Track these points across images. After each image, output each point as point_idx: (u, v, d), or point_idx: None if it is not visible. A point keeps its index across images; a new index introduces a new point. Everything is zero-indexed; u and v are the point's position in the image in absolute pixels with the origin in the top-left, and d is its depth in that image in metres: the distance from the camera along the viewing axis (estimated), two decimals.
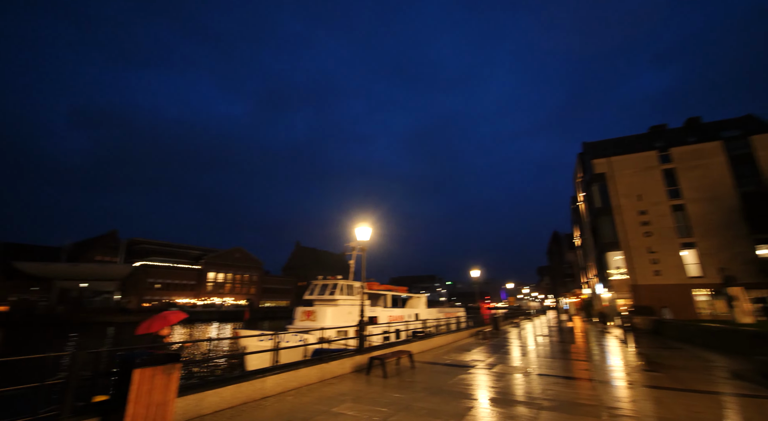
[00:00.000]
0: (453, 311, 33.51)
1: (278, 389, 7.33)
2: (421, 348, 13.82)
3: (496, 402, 6.91)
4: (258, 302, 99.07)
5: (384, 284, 27.34)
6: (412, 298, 30.35)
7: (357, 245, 23.35)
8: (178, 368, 4.98)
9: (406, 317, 25.70)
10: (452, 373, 9.76)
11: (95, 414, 4.58)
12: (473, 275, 27.32)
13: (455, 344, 16.57)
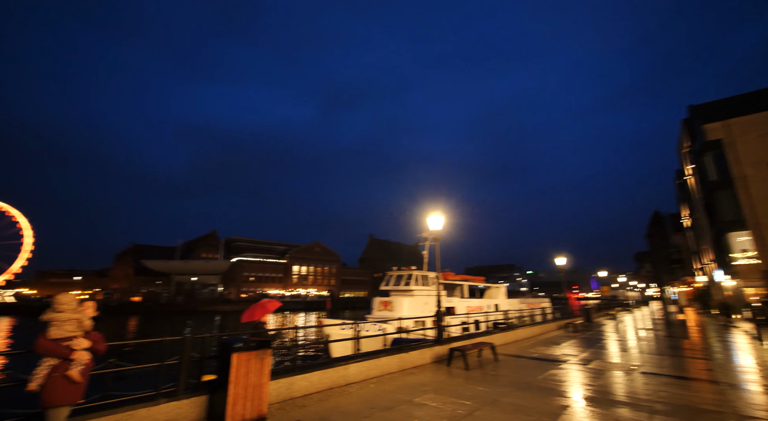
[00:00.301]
0: (537, 302, 31.45)
1: (360, 377, 7.52)
2: (503, 340, 13.16)
3: (594, 402, 6.20)
4: (338, 292, 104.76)
5: (459, 274, 26.70)
6: (491, 288, 29.16)
7: (429, 235, 23.10)
8: (269, 353, 5.34)
9: (485, 308, 24.78)
10: (541, 367, 9.07)
11: (205, 391, 5.14)
12: (558, 263, 25.21)
13: (541, 336, 15.46)
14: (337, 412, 5.55)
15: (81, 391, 3.64)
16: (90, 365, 3.77)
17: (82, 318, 3.77)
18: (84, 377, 3.65)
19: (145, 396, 4.76)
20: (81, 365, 3.61)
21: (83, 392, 3.70)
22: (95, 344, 3.79)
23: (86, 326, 3.79)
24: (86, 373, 3.70)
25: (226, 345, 5.06)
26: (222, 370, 5.00)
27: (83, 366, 3.64)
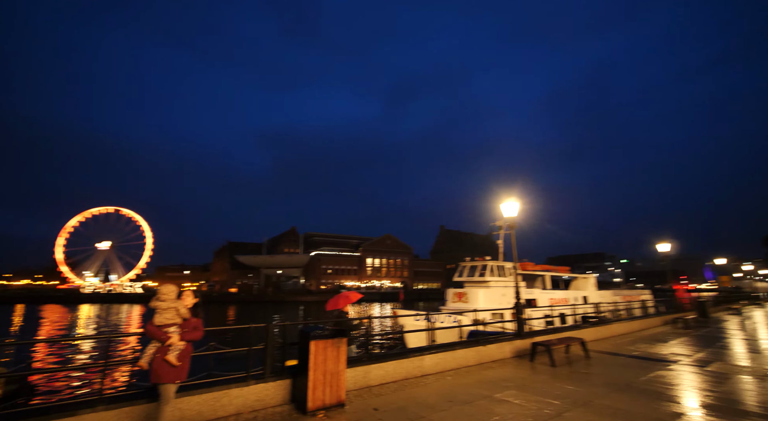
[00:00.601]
0: (634, 294, 27.99)
1: (436, 369, 7.37)
2: (595, 336, 11.89)
3: (717, 411, 5.21)
4: (411, 284, 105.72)
5: (540, 265, 24.89)
6: (577, 279, 26.70)
7: (504, 223, 21.86)
8: (344, 342, 5.46)
9: (571, 301, 22.76)
10: (644, 368, 7.96)
11: (288, 375, 5.46)
12: (660, 249, 22.01)
13: (643, 332, 13.66)
14: (413, 403, 5.48)
15: (182, 371, 4.06)
16: (189, 350, 4.19)
17: (179, 307, 4.20)
18: (181, 360, 4.06)
19: (237, 377, 5.21)
20: (176, 351, 4.04)
21: (186, 372, 4.14)
22: (192, 331, 4.20)
23: (183, 314, 4.21)
24: (185, 356, 4.12)
25: (305, 333, 5.29)
26: (302, 356, 5.25)
27: (178, 351, 4.06)
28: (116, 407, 4.13)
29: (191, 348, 4.25)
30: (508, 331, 11.61)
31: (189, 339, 4.18)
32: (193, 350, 4.32)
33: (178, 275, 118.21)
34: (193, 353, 4.47)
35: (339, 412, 5.05)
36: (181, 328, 4.18)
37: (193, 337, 4.20)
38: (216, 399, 4.78)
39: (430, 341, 8.31)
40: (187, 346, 4.15)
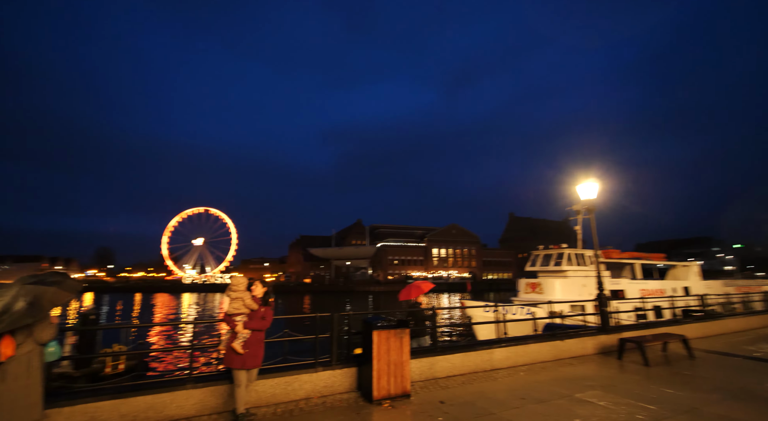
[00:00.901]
0: (752, 285, 23.76)
1: (507, 363, 6.95)
2: (701, 332, 10.27)
3: None
4: (480, 274, 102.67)
5: (627, 252, 22.32)
6: (676, 267, 23.43)
7: (582, 207, 19.93)
8: (407, 332, 5.37)
9: (669, 292, 20.04)
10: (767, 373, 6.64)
11: (354, 364, 5.54)
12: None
13: (766, 330, 11.47)
14: (482, 398, 5.21)
15: (249, 358, 4.26)
16: (258, 338, 4.42)
17: (245, 297, 4.46)
18: (248, 348, 4.28)
19: (306, 364, 5.43)
20: (241, 339, 4.27)
21: (257, 359, 4.37)
22: (258, 320, 4.42)
23: (248, 304, 4.45)
24: (253, 344, 4.33)
25: (368, 323, 5.31)
26: (365, 346, 5.29)
27: (243, 340, 4.28)
28: (202, 386, 4.55)
29: (262, 336, 4.46)
30: (590, 325, 10.56)
31: (252, 328, 4.35)
32: (264, 338, 4.53)
33: (259, 266, 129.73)
34: (266, 340, 4.75)
35: (404, 403, 4.99)
36: (249, 317, 4.43)
37: (256, 326, 4.36)
38: (288, 383, 5.03)
39: (501, 334, 7.88)
40: (254, 334, 4.35)
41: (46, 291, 3.42)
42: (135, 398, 4.20)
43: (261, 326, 4.40)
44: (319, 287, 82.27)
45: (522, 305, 14.38)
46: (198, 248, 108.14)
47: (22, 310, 3.22)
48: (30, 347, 3.38)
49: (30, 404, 3.28)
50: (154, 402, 4.27)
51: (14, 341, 3.21)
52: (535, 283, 18.91)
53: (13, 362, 3.25)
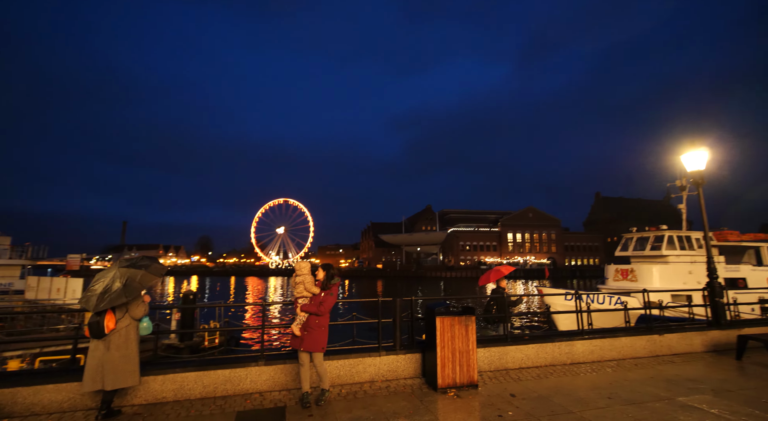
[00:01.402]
0: None
1: (591, 357, 6.22)
2: None
3: None
4: (561, 260, 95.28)
5: (750, 234, 18.60)
6: None
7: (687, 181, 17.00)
8: (473, 320, 5.06)
9: None
10: None
11: (417, 350, 5.42)
12: None
13: None
14: (560, 394, 4.71)
15: (307, 341, 4.35)
16: (319, 322, 4.47)
17: (306, 282, 4.56)
18: (306, 331, 4.39)
19: (370, 347, 5.45)
20: (298, 323, 4.40)
21: (317, 342, 4.42)
22: (316, 305, 4.47)
23: (309, 289, 4.55)
24: (312, 328, 4.40)
25: (430, 309, 5.11)
26: (429, 332, 5.11)
27: (300, 324, 4.41)
28: (272, 364, 4.83)
29: (321, 321, 4.50)
30: (699, 318, 9.01)
31: (308, 311, 4.43)
32: (325, 322, 4.57)
33: (334, 252, 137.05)
34: (336, 323, 4.85)
35: (471, 393, 4.73)
36: (310, 301, 4.53)
37: (311, 310, 4.42)
38: (352, 366, 5.10)
39: (586, 325, 7.10)
40: (311, 318, 4.43)
41: (137, 274, 3.85)
42: (215, 371, 4.61)
43: (316, 311, 4.44)
44: (390, 273, 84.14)
45: (611, 294, 12.87)
46: (280, 236, 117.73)
47: (118, 290, 3.67)
48: (127, 322, 3.85)
49: (129, 371, 3.76)
50: (231, 376, 4.65)
51: (115, 316, 3.71)
52: (627, 269, 16.80)
53: (114, 335, 3.76)
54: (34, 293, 17.13)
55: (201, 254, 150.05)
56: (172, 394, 4.43)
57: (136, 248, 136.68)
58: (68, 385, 4.17)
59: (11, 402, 4.03)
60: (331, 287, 4.67)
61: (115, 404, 4.15)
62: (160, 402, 4.37)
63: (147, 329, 4.03)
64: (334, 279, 4.70)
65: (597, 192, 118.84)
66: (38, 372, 4.72)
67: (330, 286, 4.66)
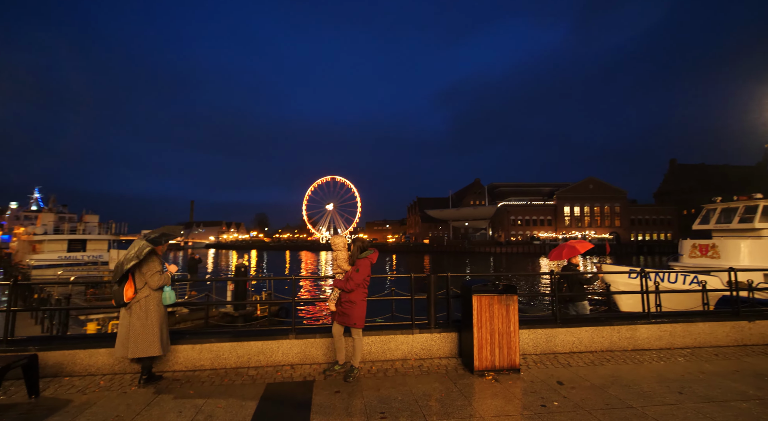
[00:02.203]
0: None
1: (658, 344, 5.45)
2: None
3: None
4: (626, 234, 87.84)
5: None
6: None
7: None
8: (514, 299, 4.57)
9: None
10: None
11: (453, 329, 5.07)
12: None
13: None
14: (617, 384, 4.13)
15: (341, 315, 4.35)
16: (346, 297, 4.34)
17: (337, 258, 4.53)
18: (339, 306, 4.37)
19: (403, 324, 5.20)
20: (332, 298, 4.37)
21: (347, 317, 4.30)
22: (344, 280, 4.37)
23: (340, 264, 4.54)
24: (344, 303, 4.36)
25: (467, 286, 4.70)
26: (465, 311, 4.72)
27: (334, 299, 4.41)
28: (303, 337, 4.78)
29: (352, 297, 4.31)
30: None
31: (337, 287, 4.41)
32: (358, 298, 4.36)
33: (381, 228, 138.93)
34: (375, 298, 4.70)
35: (512, 378, 4.32)
36: (344, 276, 4.43)
37: (339, 285, 4.40)
38: (384, 342, 4.91)
39: (654, 308, 6.26)
40: (342, 294, 4.38)
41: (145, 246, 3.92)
42: (248, 342, 4.66)
43: (343, 286, 4.35)
44: (437, 248, 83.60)
45: (686, 273, 11.41)
46: (330, 213, 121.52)
47: (130, 257, 3.78)
48: (147, 293, 3.94)
49: (149, 341, 3.86)
50: (263, 348, 4.67)
51: (134, 285, 3.81)
52: (706, 244, 14.77)
53: (135, 304, 3.87)
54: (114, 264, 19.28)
55: (258, 229, 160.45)
56: (209, 362, 4.56)
57: (203, 224, 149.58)
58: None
59: (71, 362, 4.39)
60: (359, 261, 4.44)
61: (156, 370, 4.36)
62: (198, 369, 4.53)
63: (168, 298, 4.10)
64: (363, 253, 4.46)
65: (672, 159, 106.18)
66: (95, 336, 5.12)
67: (359, 260, 4.43)
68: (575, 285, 6.81)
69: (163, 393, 3.87)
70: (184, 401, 3.67)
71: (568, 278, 6.82)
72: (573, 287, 6.77)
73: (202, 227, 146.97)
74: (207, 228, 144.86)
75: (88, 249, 28.79)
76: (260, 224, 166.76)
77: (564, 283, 6.94)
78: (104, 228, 33.53)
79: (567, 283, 6.87)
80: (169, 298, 4.07)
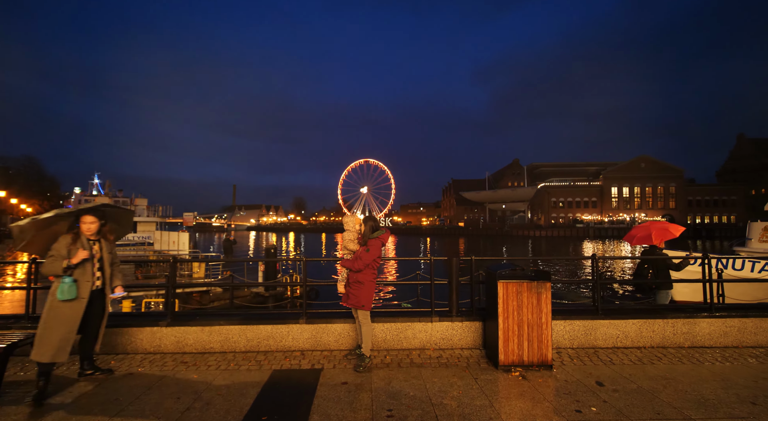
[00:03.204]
0: None
1: (723, 341, 4.66)
2: None
3: None
4: (682, 217, 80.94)
5: None
6: None
7: None
8: (547, 287, 4.00)
9: None
10: None
11: (477, 318, 4.60)
12: None
13: None
14: (670, 388, 3.50)
15: (350, 297, 4.05)
16: (354, 277, 4.02)
17: (345, 237, 4.23)
18: (348, 287, 4.06)
19: (422, 311, 4.81)
20: (341, 279, 4.06)
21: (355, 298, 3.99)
22: (352, 260, 4.04)
23: (346, 245, 4.19)
24: (352, 284, 4.06)
25: (492, 272, 4.18)
26: (490, 299, 4.23)
27: (343, 280, 4.12)
28: (314, 322, 4.52)
29: (362, 277, 3.99)
30: None
31: (344, 266, 4.11)
32: (366, 279, 4.04)
33: (416, 211, 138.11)
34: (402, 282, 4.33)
35: (542, 375, 3.81)
36: (354, 256, 4.11)
37: (347, 265, 4.09)
38: (400, 330, 4.55)
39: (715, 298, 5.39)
40: (351, 274, 4.07)
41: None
42: (257, 326, 4.48)
43: (351, 266, 4.03)
44: (472, 231, 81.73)
45: (755, 259, 10.03)
46: (364, 195, 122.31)
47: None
48: (54, 284, 3.36)
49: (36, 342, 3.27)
50: (273, 332, 4.47)
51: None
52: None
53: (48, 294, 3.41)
54: (158, 245, 20.45)
55: (296, 212, 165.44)
56: (218, 345, 4.44)
57: (244, 207, 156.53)
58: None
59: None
60: (371, 241, 4.06)
61: (169, 350, 4.31)
62: (208, 352, 4.43)
63: (63, 292, 3.27)
64: (375, 233, 4.07)
65: (740, 134, 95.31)
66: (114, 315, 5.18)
67: (370, 240, 4.06)
68: (662, 271, 5.74)
69: (167, 376, 3.77)
70: (185, 387, 3.53)
71: (654, 263, 5.83)
72: (659, 273, 5.71)
73: (244, 210, 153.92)
74: (248, 211, 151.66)
75: (138, 230, 30.96)
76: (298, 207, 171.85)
77: (648, 268, 5.98)
78: (152, 211, 35.84)
79: (652, 268, 5.88)
80: (65, 292, 3.27)
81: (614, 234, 69.37)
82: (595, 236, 69.76)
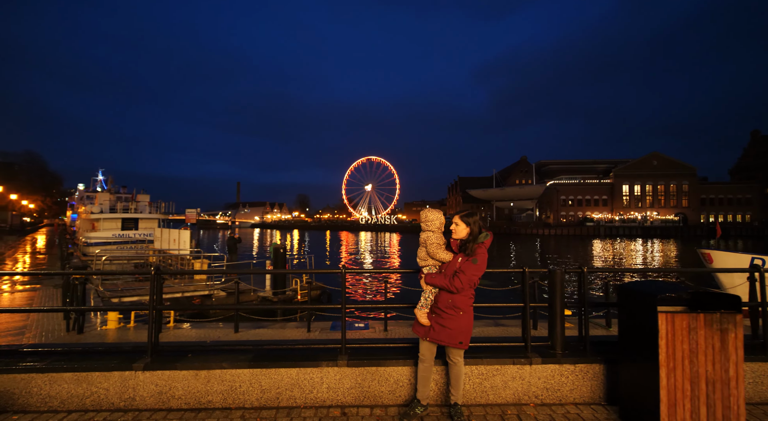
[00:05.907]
0: None
1: None
2: None
3: None
4: (695, 216, 79.01)
5: None
6: None
7: None
8: (737, 321, 2.54)
9: None
10: None
11: (600, 360, 3.13)
12: None
13: None
14: None
15: (438, 329, 2.65)
16: (448, 301, 2.61)
17: (427, 242, 2.76)
18: (431, 315, 2.69)
19: (512, 347, 3.36)
20: (423, 300, 2.72)
21: (446, 331, 2.59)
22: (449, 276, 2.61)
23: (433, 253, 2.75)
24: (443, 310, 2.64)
25: (645, 295, 2.70)
26: (632, 333, 2.77)
27: (426, 306, 2.71)
28: (359, 365, 3.08)
29: (460, 301, 2.60)
30: None
31: (435, 285, 2.68)
32: (464, 304, 2.61)
33: (420, 208, 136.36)
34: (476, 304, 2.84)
35: None
36: (440, 270, 2.75)
37: (439, 283, 2.64)
38: (484, 377, 3.11)
39: None
40: (444, 297, 2.65)
41: None
42: (278, 370, 3.04)
43: (446, 285, 2.60)
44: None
45: None
46: (368, 193, 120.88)
47: None
48: None
49: None
50: (299, 378, 3.04)
51: None
52: None
53: None
54: (158, 242, 19.11)
55: (300, 210, 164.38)
56: (220, 397, 3.02)
57: (249, 204, 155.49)
58: None
59: (25, 392, 3.02)
60: (476, 249, 2.62)
61: (147, 405, 2.88)
62: (205, 408, 3.00)
63: None
64: (481, 235, 2.66)
65: (754, 130, 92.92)
66: (63, 353, 3.77)
67: (477, 247, 2.62)
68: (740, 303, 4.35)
69: None
70: None
71: None
72: None
73: (248, 207, 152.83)
74: (252, 208, 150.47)
75: (140, 227, 29.68)
76: (302, 204, 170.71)
77: None
78: (154, 207, 34.56)
79: None
80: None
81: (626, 233, 67.59)
82: (606, 235, 67.95)
